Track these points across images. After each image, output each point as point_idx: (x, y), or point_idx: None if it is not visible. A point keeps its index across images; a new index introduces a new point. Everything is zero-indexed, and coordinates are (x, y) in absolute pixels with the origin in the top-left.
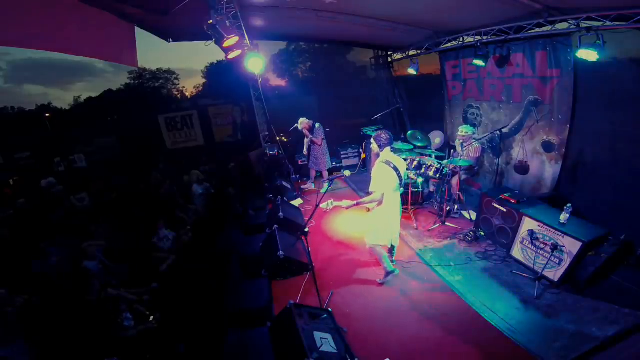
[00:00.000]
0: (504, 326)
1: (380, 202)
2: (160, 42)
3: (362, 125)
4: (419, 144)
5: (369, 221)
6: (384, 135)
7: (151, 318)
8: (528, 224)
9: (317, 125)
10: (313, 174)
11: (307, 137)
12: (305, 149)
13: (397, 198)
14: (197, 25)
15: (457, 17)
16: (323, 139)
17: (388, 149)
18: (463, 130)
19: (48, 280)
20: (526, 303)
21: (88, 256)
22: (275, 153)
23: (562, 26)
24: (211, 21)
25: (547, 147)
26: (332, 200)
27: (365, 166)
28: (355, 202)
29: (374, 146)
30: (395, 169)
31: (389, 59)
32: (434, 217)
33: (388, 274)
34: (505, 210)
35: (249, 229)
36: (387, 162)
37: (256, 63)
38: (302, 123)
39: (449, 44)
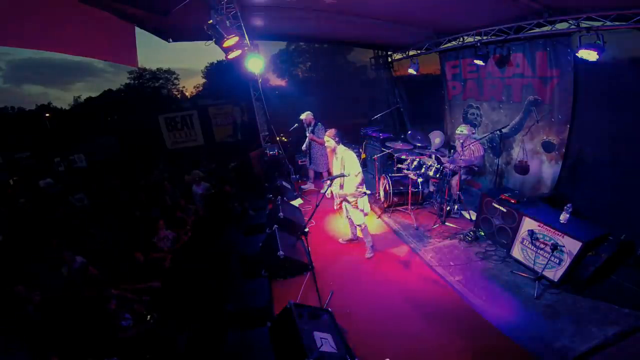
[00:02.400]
0: (504, 326)
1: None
2: (160, 42)
3: (362, 125)
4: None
5: (356, 206)
6: (336, 131)
7: (148, 317)
8: (528, 224)
9: (319, 124)
10: (312, 174)
11: (307, 133)
12: (304, 146)
13: None
14: (197, 25)
15: (457, 17)
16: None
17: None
18: (462, 130)
19: (53, 281)
20: (526, 303)
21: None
22: (275, 153)
23: (562, 26)
24: (211, 21)
25: (547, 147)
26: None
27: (365, 166)
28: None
29: (331, 143)
30: None
31: (389, 59)
32: (434, 217)
33: (373, 247)
34: (505, 210)
35: (249, 229)
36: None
37: (256, 63)
38: (307, 115)
39: (449, 44)
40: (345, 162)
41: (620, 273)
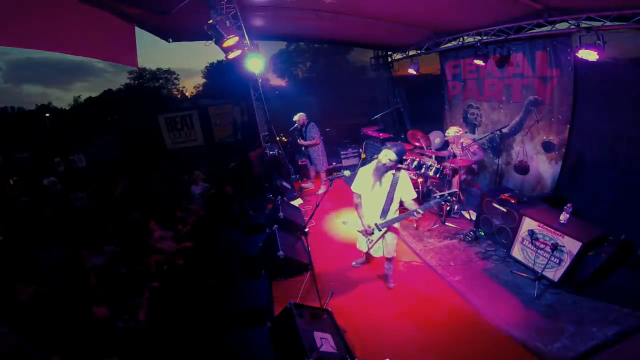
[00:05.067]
0: (504, 326)
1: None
2: (160, 42)
3: (362, 125)
4: None
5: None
6: (401, 148)
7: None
8: (528, 224)
9: (310, 124)
10: (313, 173)
11: (298, 140)
12: (303, 149)
13: None
14: (197, 25)
15: (457, 17)
16: (319, 137)
17: None
18: (449, 133)
19: (50, 277)
20: (526, 303)
21: (96, 250)
22: (275, 153)
23: (562, 26)
24: (211, 21)
25: (547, 147)
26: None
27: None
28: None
29: (390, 158)
30: None
31: (389, 59)
32: (434, 217)
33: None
34: (505, 210)
35: (249, 229)
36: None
37: (256, 63)
38: (300, 116)
39: (449, 44)
40: (399, 187)
41: (620, 273)
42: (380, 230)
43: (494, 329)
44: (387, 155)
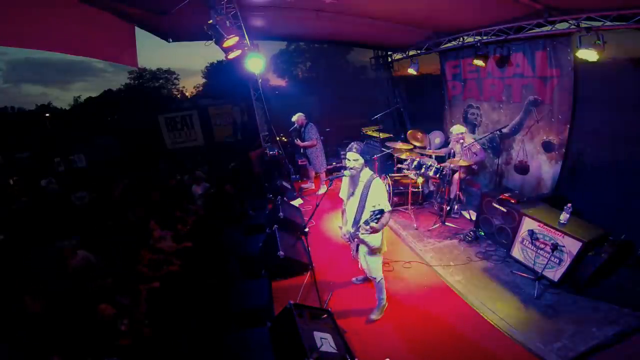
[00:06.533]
0: (504, 326)
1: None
2: (160, 42)
3: (362, 125)
4: None
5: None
6: (363, 146)
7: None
8: (528, 224)
9: (309, 125)
10: (312, 173)
11: (296, 140)
12: (301, 150)
13: None
14: (197, 25)
15: (457, 17)
16: (317, 138)
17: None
18: (461, 130)
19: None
20: (526, 303)
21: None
22: (275, 153)
23: (562, 26)
24: (211, 21)
25: (547, 147)
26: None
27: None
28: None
29: (360, 162)
30: None
31: (389, 59)
32: (434, 217)
33: (384, 307)
34: (505, 210)
35: (249, 229)
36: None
37: (256, 63)
38: (299, 117)
39: (449, 44)
40: (370, 195)
41: (620, 273)
42: (353, 240)
43: (494, 329)
44: (349, 156)
